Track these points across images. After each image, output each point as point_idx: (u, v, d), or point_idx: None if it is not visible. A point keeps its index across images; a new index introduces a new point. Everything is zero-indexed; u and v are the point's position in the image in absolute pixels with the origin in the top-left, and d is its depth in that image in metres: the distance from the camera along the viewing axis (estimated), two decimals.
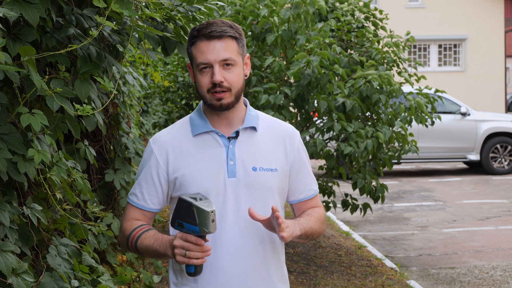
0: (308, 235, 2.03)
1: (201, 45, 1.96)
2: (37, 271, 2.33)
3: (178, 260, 1.87)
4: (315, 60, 4.75)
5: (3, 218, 1.97)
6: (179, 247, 1.86)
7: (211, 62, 1.94)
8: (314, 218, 2.07)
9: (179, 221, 1.88)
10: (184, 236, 1.86)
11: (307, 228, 2.02)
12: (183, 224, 1.86)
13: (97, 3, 2.10)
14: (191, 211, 1.84)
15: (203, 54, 1.95)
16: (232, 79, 1.96)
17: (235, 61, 1.97)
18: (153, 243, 1.97)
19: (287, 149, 2.08)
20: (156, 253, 1.96)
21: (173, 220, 1.90)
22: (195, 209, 1.83)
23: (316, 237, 2.10)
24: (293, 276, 5.50)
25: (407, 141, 5.61)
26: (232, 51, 1.97)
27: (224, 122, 2.04)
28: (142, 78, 4.95)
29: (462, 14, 21.82)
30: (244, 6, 5.32)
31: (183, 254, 1.85)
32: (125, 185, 3.94)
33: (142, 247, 1.99)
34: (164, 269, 5.18)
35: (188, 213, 1.85)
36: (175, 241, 1.87)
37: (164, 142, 2.05)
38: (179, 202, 1.87)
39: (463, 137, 12.16)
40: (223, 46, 1.95)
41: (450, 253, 6.69)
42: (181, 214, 1.87)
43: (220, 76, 1.93)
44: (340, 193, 6.71)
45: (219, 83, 1.94)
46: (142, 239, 1.99)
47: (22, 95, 2.07)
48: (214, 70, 1.94)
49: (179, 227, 1.87)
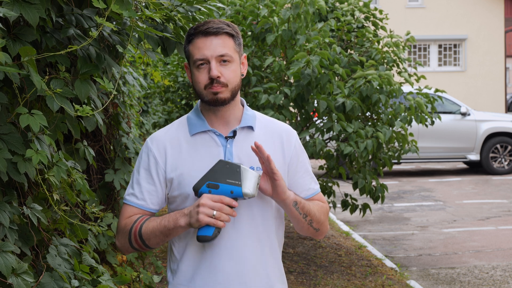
0: (305, 210, 2.01)
1: (198, 41, 1.97)
2: (37, 271, 2.33)
3: (200, 220, 1.84)
4: (315, 60, 4.75)
5: (3, 218, 1.97)
6: (207, 205, 1.84)
7: (208, 57, 1.95)
8: (313, 203, 2.07)
9: (211, 182, 1.87)
10: (216, 197, 1.85)
11: (303, 202, 2.01)
12: (219, 185, 1.86)
13: (96, 4, 2.10)
14: (236, 172, 1.86)
15: (200, 50, 1.96)
16: (229, 75, 1.97)
17: (232, 58, 1.98)
18: (160, 222, 1.94)
19: (284, 148, 2.08)
20: (164, 230, 1.93)
21: (200, 182, 1.89)
22: (243, 170, 1.86)
23: (317, 224, 2.06)
24: (293, 276, 5.51)
25: (407, 141, 5.61)
26: (229, 48, 1.98)
27: (221, 122, 2.04)
28: (142, 78, 4.95)
29: (462, 14, 21.82)
30: (244, 6, 5.32)
31: (210, 214, 1.83)
32: (125, 185, 3.94)
33: (148, 231, 1.95)
34: (164, 269, 5.18)
35: (230, 174, 1.86)
36: (202, 199, 1.85)
37: (162, 141, 2.05)
38: (218, 164, 1.88)
39: (463, 137, 12.16)
40: (220, 42, 1.96)
41: (450, 253, 6.70)
42: (219, 175, 1.87)
43: (217, 71, 1.94)
44: (340, 193, 6.71)
45: (216, 78, 1.94)
46: (147, 224, 1.96)
47: (22, 95, 2.07)
48: (211, 65, 1.95)
49: (210, 189, 1.87)
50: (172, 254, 2.07)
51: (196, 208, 1.85)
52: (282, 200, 1.97)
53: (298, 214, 2.01)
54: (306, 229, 2.07)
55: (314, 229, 2.07)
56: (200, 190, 1.89)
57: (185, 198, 2.00)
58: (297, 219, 2.03)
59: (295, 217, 2.02)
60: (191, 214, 1.86)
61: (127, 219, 2.03)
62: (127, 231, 2.00)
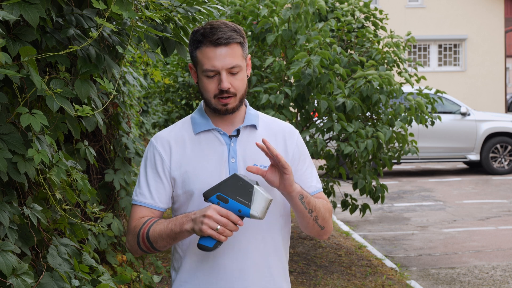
0: (311, 206, 2.00)
1: (207, 50, 1.96)
2: (37, 271, 2.33)
3: (203, 230, 1.82)
4: (316, 60, 4.75)
5: (3, 218, 1.97)
6: (213, 218, 1.82)
7: (219, 69, 1.96)
8: (318, 200, 2.06)
9: (222, 195, 1.86)
10: (224, 211, 1.83)
11: (309, 197, 2.00)
12: (228, 200, 1.85)
13: (96, 5, 2.10)
14: (248, 192, 1.84)
15: (210, 61, 1.96)
16: (238, 85, 1.99)
17: (241, 67, 1.99)
18: (167, 225, 1.93)
19: (287, 146, 2.10)
20: (171, 234, 1.92)
21: (211, 191, 1.88)
22: (256, 192, 1.84)
23: (322, 221, 2.05)
24: (293, 276, 5.51)
25: (407, 141, 5.61)
26: (238, 57, 1.98)
27: (225, 121, 2.06)
28: (142, 78, 4.95)
29: (462, 14, 21.82)
30: (244, 6, 5.32)
31: (215, 227, 1.81)
32: (125, 185, 3.94)
33: (155, 234, 1.95)
34: (164, 269, 5.18)
35: (242, 192, 1.85)
36: (209, 211, 1.83)
37: (167, 139, 2.06)
38: (232, 178, 1.86)
39: (463, 137, 12.16)
40: (230, 52, 1.96)
41: (450, 253, 6.70)
42: (230, 190, 1.85)
43: (227, 83, 1.95)
44: (340, 193, 6.71)
45: (226, 90, 1.96)
46: (154, 227, 1.96)
47: (22, 95, 2.07)
48: (221, 77, 1.96)
49: (219, 201, 1.86)
50: (176, 252, 2.08)
51: (201, 217, 1.85)
52: (288, 192, 1.96)
53: (304, 208, 1.99)
54: (311, 226, 2.05)
55: (319, 226, 2.06)
56: (210, 199, 1.88)
57: (190, 196, 2.01)
58: (303, 214, 2.01)
59: (301, 211, 2.00)
60: (196, 221, 1.86)
61: (137, 220, 2.03)
62: (136, 233, 2.01)
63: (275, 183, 1.94)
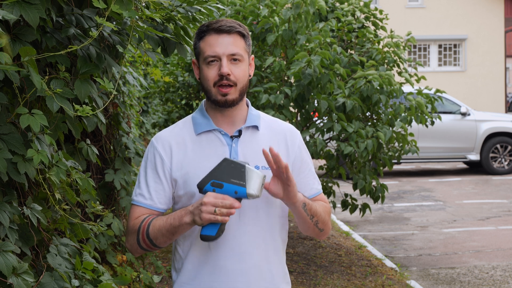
0: (313, 212, 2.01)
1: (210, 38, 1.98)
2: (37, 271, 2.33)
3: (203, 218, 1.83)
4: (316, 60, 4.75)
5: (3, 218, 1.97)
6: (210, 204, 1.82)
7: (220, 55, 1.96)
8: (318, 204, 2.07)
9: (215, 181, 1.86)
10: (220, 195, 1.84)
11: (311, 203, 2.01)
12: (223, 184, 1.85)
13: (97, 4, 2.10)
14: (241, 172, 1.84)
15: (211, 47, 1.97)
16: (238, 74, 1.98)
17: (242, 57, 1.99)
18: (166, 220, 1.94)
19: (288, 147, 2.09)
20: (170, 228, 1.92)
21: (205, 180, 1.88)
22: (248, 170, 1.84)
23: (322, 225, 2.06)
24: (293, 276, 5.50)
25: (407, 141, 5.61)
26: (240, 47, 1.99)
27: (226, 121, 2.05)
28: (142, 78, 4.95)
29: (462, 14, 21.82)
30: (244, 6, 5.32)
31: (212, 211, 1.82)
32: (125, 185, 3.94)
33: (155, 230, 1.95)
34: (164, 269, 5.18)
35: (235, 173, 1.84)
36: (206, 198, 1.83)
37: (168, 140, 2.05)
38: (223, 163, 1.86)
39: (463, 137, 12.16)
40: (232, 40, 1.98)
41: (450, 253, 6.69)
42: (223, 174, 1.85)
43: (227, 68, 1.95)
44: (340, 193, 6.71)
45: (226, 76, 1.95)
46: (153, 223, 1.96)
47: (22, 95, 2.07)
48: (222, 62, 1.96)
49: (214, 188, 1.86)
50: (177, 253, 2.08)
51: (199, 206, 1.85)
52: (292, 203, 1.97)
53: (306, 215, 2.01)
54: (311, 229, 2.07)
55: (319, 229, 2.07)
56: (205, 188, 1.88)
57: (191, 197, 2.00)
58: (304, 220, 2.02)
59: (303, 217, 2.02)
60: (195, 212, 1.87)
61: (135, 219, 2.03)
62: (135, 231, 2.00)
63: (279, 195, 1.95)
